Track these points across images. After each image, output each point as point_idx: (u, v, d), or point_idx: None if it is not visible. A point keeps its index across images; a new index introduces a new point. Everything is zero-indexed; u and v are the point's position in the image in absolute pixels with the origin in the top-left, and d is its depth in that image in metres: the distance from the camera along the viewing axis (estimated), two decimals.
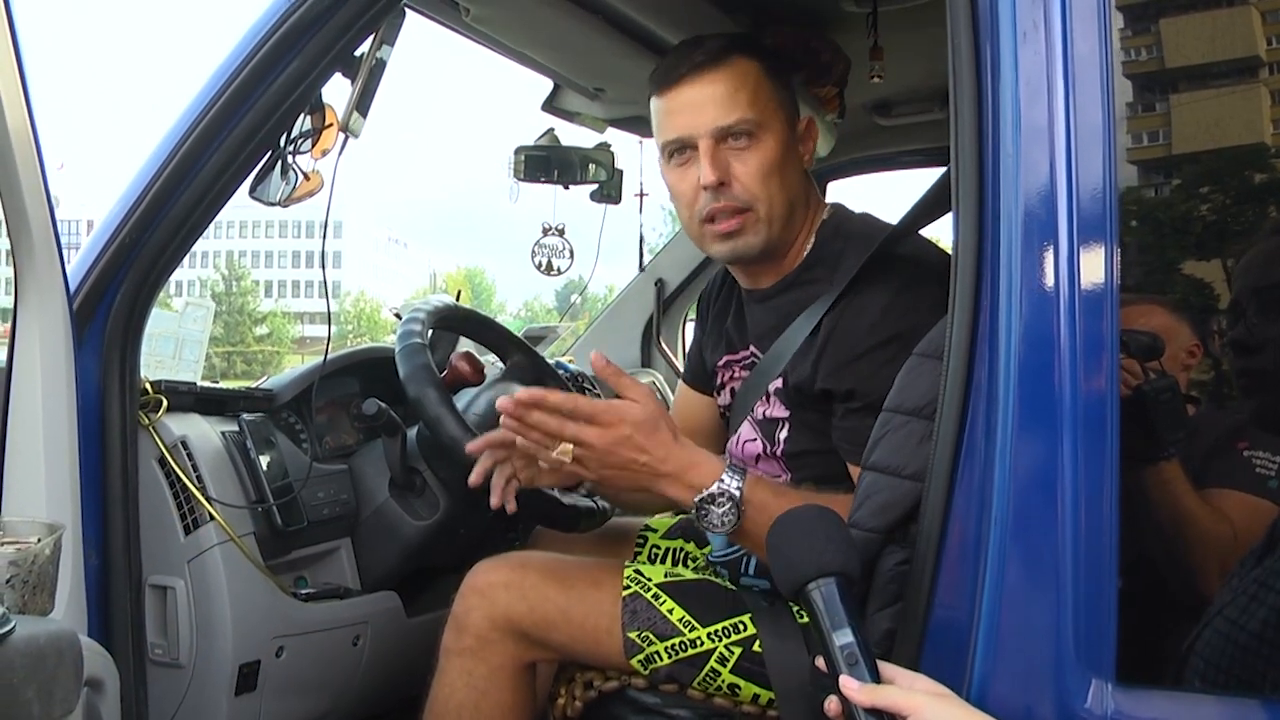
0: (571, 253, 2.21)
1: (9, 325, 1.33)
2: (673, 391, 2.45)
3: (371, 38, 1.40)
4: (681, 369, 2.42)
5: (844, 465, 1.38)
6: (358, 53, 1.40)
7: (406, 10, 1.46)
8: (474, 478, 1.36)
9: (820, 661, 0.88)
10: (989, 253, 0.96)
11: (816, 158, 1.58)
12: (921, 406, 1.11)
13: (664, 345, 2.76)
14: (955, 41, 1.00)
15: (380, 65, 1.44)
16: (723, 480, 1.21)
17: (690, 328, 2.80)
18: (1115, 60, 0.93)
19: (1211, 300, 0.99)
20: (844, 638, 0.86)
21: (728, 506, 1.21)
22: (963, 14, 0.98)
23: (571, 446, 1.21)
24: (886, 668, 0.87)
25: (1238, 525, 0.95)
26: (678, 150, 1.44)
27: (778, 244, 1.46)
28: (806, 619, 0.99)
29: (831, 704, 0.86)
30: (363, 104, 1.42)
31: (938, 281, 1.27)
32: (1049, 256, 0.91)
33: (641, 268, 2.77)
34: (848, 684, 0.84)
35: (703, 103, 1.41)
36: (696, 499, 1.21)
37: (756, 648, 1.35)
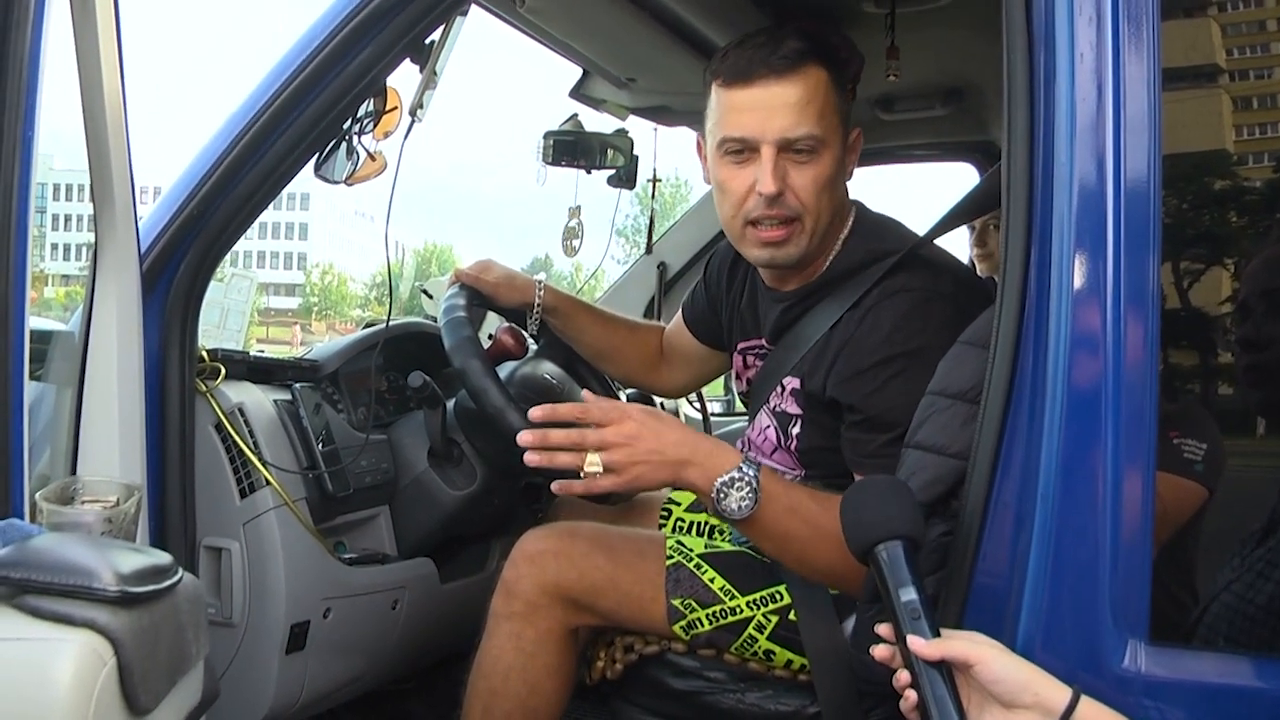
0: (583, 232, 2.28)
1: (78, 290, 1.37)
2: None
3: (442, 28, 1.45)
4: None
5: None
6: (428, 40, 1.45)
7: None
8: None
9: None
10: (1035, 250, 1.05)
11: None
12: (965, 391, 1.18)
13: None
14: (1010, 58, 1.07)
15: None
16: (741, 467, 1.25)
17: None
18: (1160, 75, 1.01)
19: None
20: (908, 594, 0.94)
21: (746, 491, 1.24)
22: (1019, 39, 1.05)
23: (598, 457, 1.24)
24: (945, 630, 0.95)
25: (1167, 502, 1.05)
26: (737, 148, 1.43)
27: (814, 255, 1.49)
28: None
29: (881, 650, 0.95)
30: (427, 90, 1.47)
31: (951, 299, 1.36)
32: (1096, 256, 1.00)
33: (649, 250, 2.85)
34: (915, 642, 0.91)
35: (775, 108, 1.39)
36: (717, 482, 1.24)
37: (792, 616, 1.43)
